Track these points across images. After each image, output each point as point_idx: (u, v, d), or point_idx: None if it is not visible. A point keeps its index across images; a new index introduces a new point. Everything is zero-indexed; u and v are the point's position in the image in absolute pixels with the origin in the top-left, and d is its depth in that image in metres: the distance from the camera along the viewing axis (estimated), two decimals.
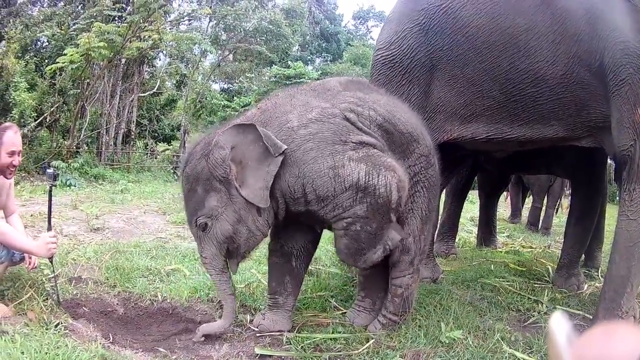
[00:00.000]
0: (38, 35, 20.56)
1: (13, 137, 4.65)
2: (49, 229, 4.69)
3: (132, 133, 21.55)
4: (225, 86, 35.06)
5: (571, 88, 5.00)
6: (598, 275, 7.52)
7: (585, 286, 6.87)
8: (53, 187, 4.81)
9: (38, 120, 16.97)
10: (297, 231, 4.57)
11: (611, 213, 6.93)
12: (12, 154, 4.61)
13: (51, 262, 4.76)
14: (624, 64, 4.58)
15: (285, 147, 4.03)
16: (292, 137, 4.11)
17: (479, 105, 5.43)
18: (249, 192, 4.08)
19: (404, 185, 4.24)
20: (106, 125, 19.71)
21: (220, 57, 27.21)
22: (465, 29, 5.30)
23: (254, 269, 5.11)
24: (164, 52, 22.65)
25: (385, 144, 4.31)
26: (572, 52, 4.89)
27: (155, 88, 22.49)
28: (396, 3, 6.19)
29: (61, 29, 19.86)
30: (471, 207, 11.87)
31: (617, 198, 5.15)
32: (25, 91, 16.74)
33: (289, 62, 31.58)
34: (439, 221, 7.56)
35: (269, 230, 4.44)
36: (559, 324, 1.18)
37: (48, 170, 4.85)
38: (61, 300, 4.80)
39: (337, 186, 4.06)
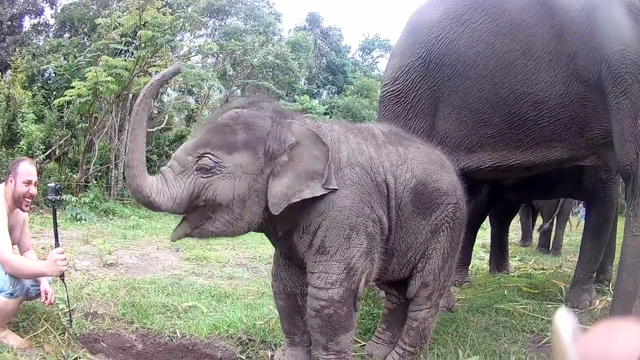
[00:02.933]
0: (45, 66, 20.68)
1: (28, 167, 4.78)
2: (57, 245, 4.70)
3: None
4: None
5: (571, 107, 5.05)
6: (609, 290, 7.54)
7: (597, 302, 6.93)
8: (57, 201, 4.87)
9: (46, 153, 17.01)
10: (297, 271, 4.43)
11: (621, 225, 7.14)
12: (28, 183, 4.71)
13: (62, 280, 4.76)
14: (622, 75, 4.62)
15: (336, 189, 3.89)
16: (336, 169, 3.98)
17: (482, 134, 5.49)
18: (274, 187, 3.79)
19: (369, 279, 4.24)
20: (115, 160, 19.76)
21: (229, 93, 27.30)
22: (463, 58, 5.39)
23: (272, 305, 5.12)
24: (172, 87, 22.71)
25: (410, 210, 4.32)
26: (570, 69, 4.94)
27: (164, 123, 22.54)
28: (399, 38, 6.30)
29: (68, 61, 19.98)
30: (482, 233, 11.85)
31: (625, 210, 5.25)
32: (33, 122, 16.77)
33: (296, 97, 31.62)
34: None
35: (243, 233, 4.04)
36: (563, 320, 1.18)
37: (50, 185, 4.94)
38: (77, 333, 4.87)
39: (342, 248, 3.94)
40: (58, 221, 4.91)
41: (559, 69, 5.00)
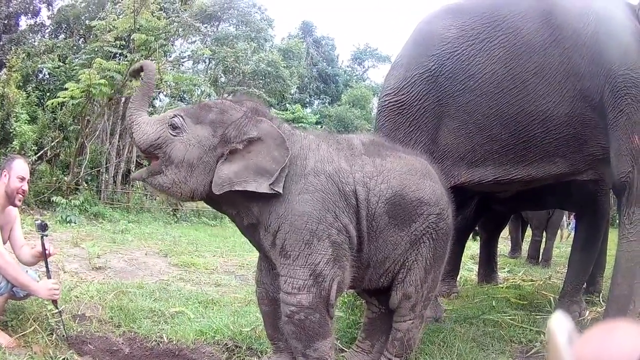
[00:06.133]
0: (39, 66, 20.61)
1: (22, 164, 4.86)
2: (49, 277, 4.77)
3: (132, 173, 21.47)
4: None
5: (574, 125, 5.22)
6: (599, 301, 7.59)
7: (587, 312, 6.97)
8: (45, 237, 4.84)
9: (38, 154, 16.95)
10: (278, 276, 4.29)
11: (611, 238, 7.17)
12: (22, 179, 4.76)
13: (55, 306, 4.80)
14: (622, 95, 4.88)
15: (280, 193, 3.99)
16: (301, 175, 4.10)
17: (487, 149, 5.55)
18: (222, 170, 4.04)
19: (342, 287, 4.25)
20: (106, 164, 19.73)
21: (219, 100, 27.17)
22: (478, 75, 5.44)
23: (259, 313, 5.13)
24: (164, 92, 22.66)
25: (386, 221, 4.30)
26: (576, 90, 5.12)
27: None
28: (404, 47, 6.23)
29: (63, 62, 19.94)
30: (471, 244, 11.88)
31: (617, 221, 5.46)
32: (26, 123, 16.72)
33: (287, 105, 31.63)
34: None
35: (187, 198, 4.28)
36: (559, 323, 1.18)
37: (37, 222, 4.97)
38: (66, 336, 4.85)
39: (303, 254, 4.01)
40: (47, 251, 4.88)
41: (566, 90, 5.17)
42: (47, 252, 4.81)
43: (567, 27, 5.18)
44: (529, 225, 14.25)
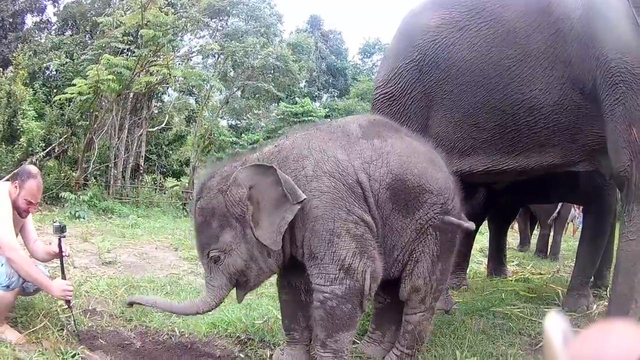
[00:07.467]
0: (46, 63, 20.62)
1: (35, 189, 4.80)
2: (63, 277, 4.76)
3: (141, 168, 21.45)
4: (234, 122, 34.89)
5: (565, 114, 5.11)
6: (607, 294, 7.57)
7: (594, 306, 6.99)
8: (62, 239, 4.84)
9: (46, 150, 16.92)
10: (301, 265, 4.41)
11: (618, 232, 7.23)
12: (29, 203, 4.76)
13: (68, 305, 4.80)
14: (617, 83, 4.69)
15: (305, 197, 3.98)
16: (304, 187, 4.07)
17: (475, 138, 5.53)
18: (262, 234, 4.05)
19: (377, 276, 4.25)
20: (114, 159, 19.70)
21: (229, 94, 27.21)
22: (459, 63, 5.43)
23: (271, 306, 5.15)
24: (173, 87, 22.60)
25: (390, 207, 4.31)
26: (565, 76, 5.00)
27: (164, 123, 22.45)
28: (392, 39, 6.36)
29: (71, 59, 19.94)
30: (480, 238, 11.86)
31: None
32: (33, 119, 16.68)
33: (297, 99, 31.57)
34: None
35: (276, 269, 4.41)
36: (554, 323, 1.18)
37: (54, 224, 4.93)
38: (77, 331, 4.85)
39: (328, 252, 4.08)
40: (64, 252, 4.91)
41: (553, 77, 5.06)
42: (63, 253, 4.84)
43: (552, 12, 5.07)
44: (537, 219, 14.24)
